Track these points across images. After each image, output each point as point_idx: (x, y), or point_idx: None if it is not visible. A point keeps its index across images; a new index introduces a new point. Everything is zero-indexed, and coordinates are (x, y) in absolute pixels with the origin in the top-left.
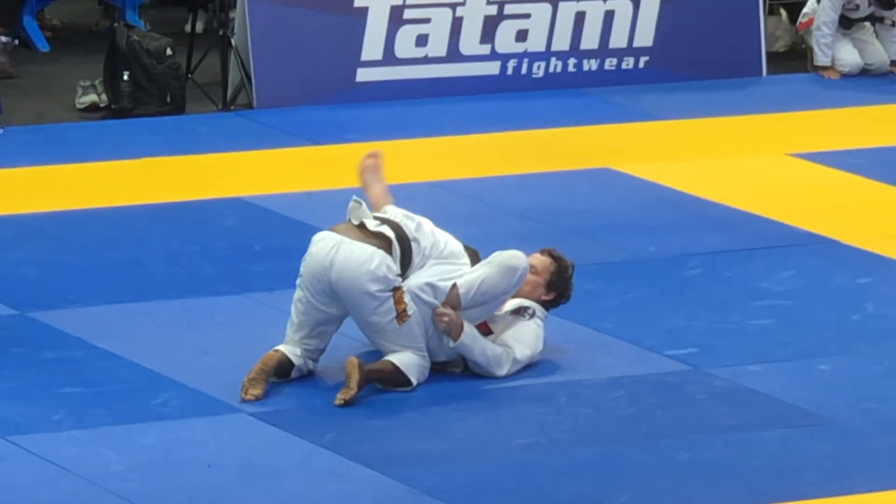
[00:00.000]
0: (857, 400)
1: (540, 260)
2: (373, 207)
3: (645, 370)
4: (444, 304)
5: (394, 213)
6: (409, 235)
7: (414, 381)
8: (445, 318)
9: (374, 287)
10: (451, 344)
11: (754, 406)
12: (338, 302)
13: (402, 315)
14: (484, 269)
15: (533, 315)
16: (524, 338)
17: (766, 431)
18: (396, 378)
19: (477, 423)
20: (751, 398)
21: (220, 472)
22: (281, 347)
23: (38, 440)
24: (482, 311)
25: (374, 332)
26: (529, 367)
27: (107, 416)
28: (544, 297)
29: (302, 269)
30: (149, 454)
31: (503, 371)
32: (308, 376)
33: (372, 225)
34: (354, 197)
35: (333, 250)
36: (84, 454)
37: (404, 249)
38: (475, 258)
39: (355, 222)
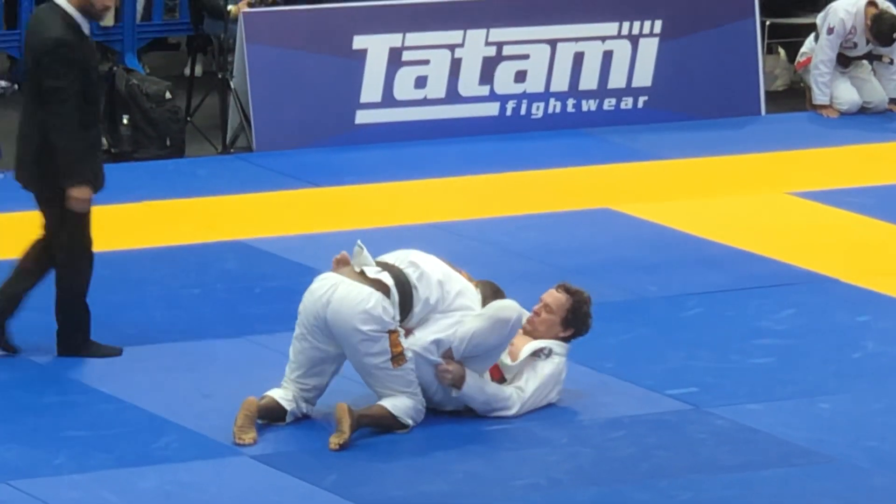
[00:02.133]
0: (858, 438)
1: (555, 297)
2: None
3: (645, 410)
4: (443, 357)
5: (399, 258)
6: (411, 282)
7: (410, 423)
8: (448, 376)
9: (367, 327)
10: (455, 393)
11: (755, 445)
12: (333, 340)
13: (398, 358)
14: (476, 322)
15: (549, 354)
16: (538, 377)
17: (767, 470)
18: (389, 422)
19: (477, 465)
20: (751, 437)
21: None
22: (271, 393)
23: (39, 484)
24: (479, 362)
25: (369, 374)
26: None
27: (108, 460)
28: (561, 335)
29: (300, 307)
30: (150, 497)
31: (512, 411)
32: (304, 419)
33: (371, 272)
34: (358, 242)
35: (331, 289)
36: (85, 498)
37: (403, 295)
38: (496, 293)
39: (357, 269)
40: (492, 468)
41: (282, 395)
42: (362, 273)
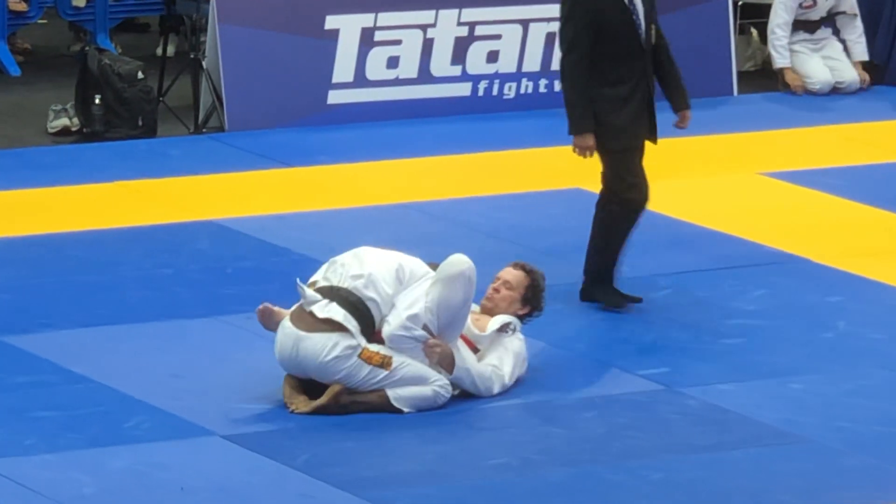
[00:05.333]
0: (829, 418)
1: (514, 275)
2: None
3: (617, 390)
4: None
5: (340, 274)
6: (363, 297)
7: (405, 410)
8: (437, 349)
9: (342, 369)
10: (447, 377)
11: (726, 425)
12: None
13: (384, 363)
14: (435, 289)
15: (515, 330)
16: (510, 355)
17: (739, 450)
18: (386, 409)
19: (449, 445)
20: (723, 417)
21: (192, 496)
22: None
23: (10, 464)
24: (454, 326)
25: (381, 387)
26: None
27: (79, 440)
28: (520, 312)
29: (276, 353)
30: (121, 477)
31: (494, 391)
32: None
33: (320, 311)
34: (297, 280)
35: (294, 349)
36: (57, 478)
37: (361, 315)
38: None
39: (307, 309)
40: (463, 449)
41: None
42: (312, 314)
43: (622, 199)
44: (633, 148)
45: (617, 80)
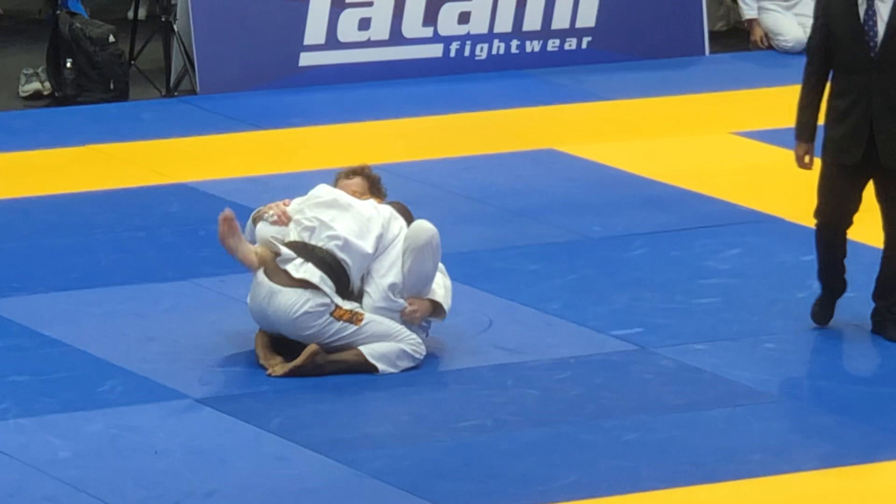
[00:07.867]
0: (803, 377)
1: (356, 183)
2: (249, 265)
3: (591, 350)
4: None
5: (318, 232)
6: (338, 258)
7: (379, 368)
8: (418, 314)
9: (313, 325)
10: (441, 319)
11: (700, 385)
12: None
13: (354, 318)
14: (407, 261)
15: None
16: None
17: (713, 410)
18: (362, 368)
19: (423, 406)
20: (697, 377)
21: (166, 458)
22: None
23: None
24: (427, 284)
25: (351, 344)
26: (475, 351)
27: (53, 404)
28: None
29: (248, 303)
30: (96, 441)
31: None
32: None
33: (294, 270)
34: (270, 239)
35: (266, 299)
36: (31, 442)
37: (336, 275)
38: (405, 214)
39: (281, 266)
40: (437, 410)
41: None
42: (287, 273)
43: (818, 221)
44: (841, 165)
45: (840, 92)
